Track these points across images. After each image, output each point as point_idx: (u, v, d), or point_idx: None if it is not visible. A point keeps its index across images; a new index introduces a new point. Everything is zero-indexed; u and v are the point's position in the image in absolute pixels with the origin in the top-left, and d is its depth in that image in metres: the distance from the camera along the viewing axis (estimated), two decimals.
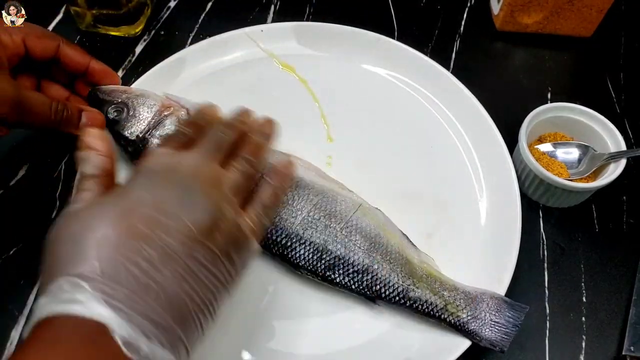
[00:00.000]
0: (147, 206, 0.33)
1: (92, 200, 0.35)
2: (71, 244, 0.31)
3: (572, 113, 0.54)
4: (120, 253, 0.30)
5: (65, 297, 0.29)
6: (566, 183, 0.49)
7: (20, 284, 0.47)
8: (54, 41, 0.48)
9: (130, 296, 0.29)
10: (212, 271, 0.33)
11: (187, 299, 0.31)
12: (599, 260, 0.51)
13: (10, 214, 0.51)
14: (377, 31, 0.60)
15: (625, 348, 0.45)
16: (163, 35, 0.65)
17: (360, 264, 0.44)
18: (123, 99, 0.49)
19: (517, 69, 0.64)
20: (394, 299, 0.44)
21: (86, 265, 0.30)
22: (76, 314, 0.28)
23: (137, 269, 0.30)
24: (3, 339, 0.45)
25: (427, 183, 0.53)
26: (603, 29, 0.65)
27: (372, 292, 0.44)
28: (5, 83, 0.43)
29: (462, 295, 0.44)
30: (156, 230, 0.32)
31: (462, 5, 0.69)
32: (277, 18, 0.66)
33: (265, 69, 0.59)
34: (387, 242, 0.45)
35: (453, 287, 0.44)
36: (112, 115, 0.49)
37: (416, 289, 0.44)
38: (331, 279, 0.44)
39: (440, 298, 0.44)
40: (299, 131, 0.55)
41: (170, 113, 0.49)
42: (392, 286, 0.44)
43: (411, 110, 0.57)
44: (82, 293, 0.29)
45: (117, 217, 0.32)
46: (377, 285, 0.44)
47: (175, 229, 0.32)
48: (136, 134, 0.48)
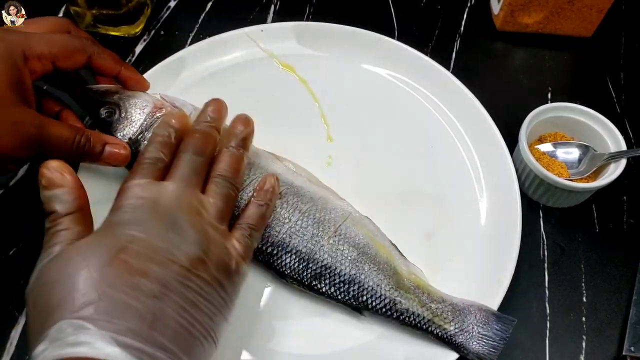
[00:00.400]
0: (137, 243, 0.33)
1: (75, 240, 0.33)
2: (65, 286, 0.30)
3: (572, 113, 0.54)
4: (120, 290, 0.30)
5: (70, 340, 0.28)
6: (566, 183, 0.49)
7: (20, 284, 0.47)
8: (83, 55, 0.45)
9: (136, 331, 0.29)
10: (208, 299, 0.33)
11: (190, 328, 0.31)
12: (599, 260, 0.51)
13: (10, 214, 0.51)
14: (377, 31, 0.60)
15: (626, 348, 0.45)
16: (163, 35, 0.65)
17: (347, 274, 0.43)
18: (115, 99, 0.48)
19: (517, 69, 0.64)
20: (381, 310, 0.43)
21: (87, 305, 0.29)
22: (85, 356, 0.27)
23: (139, 304, 0.30)
24: (3, 339, 0.45)
25: (427, 183, 0.52)
26: (603, 29, 0.65)
27: (359, 302, 0.43)
28: (29, 124, 0.40)
29: (450, 307, 0.43)
30: (151, 266, 0.32)
31: (462, 5, 0.69)
32: (277, 18, 0.66)
33: (265, 69, 0.59)
34: (375, 252, 0.45)
35: (441, 299, 0.44)
36: (104, 116, 0.47)
37: (403, 300, 0.43)
38: (317, 288, 0.44)
39: (428, 310, 0.43)
40: (299, 131, 0.55)
41: (162, 114, 0.48)
42: (378, 297, 0.43)
43: (411, 110, 0.57)
44: (87, 334, 0.28)
45: (110, 256, 0.32)
46: (363, 296, 0.43)
47: (167, 263, 0.32)
48: (128, 136, 0.47)
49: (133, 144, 0.47)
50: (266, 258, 0.44)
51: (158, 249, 0.33)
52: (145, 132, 0.47)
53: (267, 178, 0.43)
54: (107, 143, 0.45)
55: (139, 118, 0.47)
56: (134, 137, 0.47)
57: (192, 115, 0.48)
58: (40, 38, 0.43)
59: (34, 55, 0.42)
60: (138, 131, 0.47)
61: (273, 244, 0.44)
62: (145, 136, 0.47)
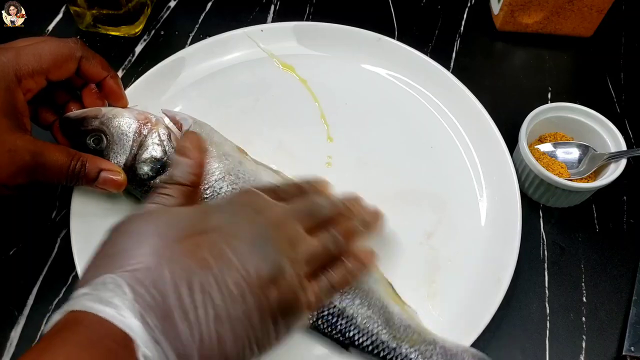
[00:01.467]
0: (219, 234, 0.32)
1: (170, 206, 0.34)
2: (133, 242, 0.31)
3: (572, 113, 0.54)
4: (176, 271, 0.29)
5: (105, 296, 0.28)
6: (566, 183, 0.49)
7: (20, 284, 0.47)
8: (74, 62, 0.44)
9: (166, 319, 0.28)
10: (254, 325, 0.31)
11: (217, 343, 0.29)
12: (599, 260, 0.51)
13: (10, 214, 0.51)
14: (377, 31, 0.60)
15: (626, 348, 0.45)
16: (163, 35, 0.65)
17: (336, 307, 0.41)
18: (97, 125, 0.46)
19: (517, 69, 0.64)
20: (367, 348, 0.41)
21: (138, 269, 0.29)
22: (108, 318, 0.27)
23: (185, 295, 0.29)
24: (3, 339, 0.45)
25: (427, 183, 0.52)
26: (603, 29, 0.65)
27: (345, 338, 0.41)
28: (24, 151, 0.40)
29: (441, 351, 0.41)
30: (218, 262, 0.31)
31: (462, 5, 0.69)
32: (277, 18, 0.66)
33: (265, 69, 0.59)
34: (368, 287, 0.43)
35: (432, 341, 0.42)
36: (93, 146, 0.46)
37: (392, 340, 0.41)
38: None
39: (417, 352, 0.41)
40: (299, 131, 0.55)
41: (149, 130, 0.46)
42: (366, 334, 0.41)
43: (411, 110, 0.57)
44: (121, 297, 0.28)
45: (184, 233, 0.31)
46: (351, 332, 0.41)
47: (236, 267, 0.31)
48: (122, 162, 0.46)
49: (129, 170, 0.46)
50: None
51: (233, 250, 0.31)
52: (137, 155, 0.46)
53: (366, 249, 0.41)
54: (102, 169, 0.44)
55: (127, 140, 0.46)
56: (128, 162, 0.46)
57: (192, 128, 0.47)
58: (30, 54, 0.42)
59: (26, 74, 0.41)
60: (130, 156, 0.46)
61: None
62: (139, 159, 0.46)
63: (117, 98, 0.49)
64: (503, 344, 0.46)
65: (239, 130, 0.54)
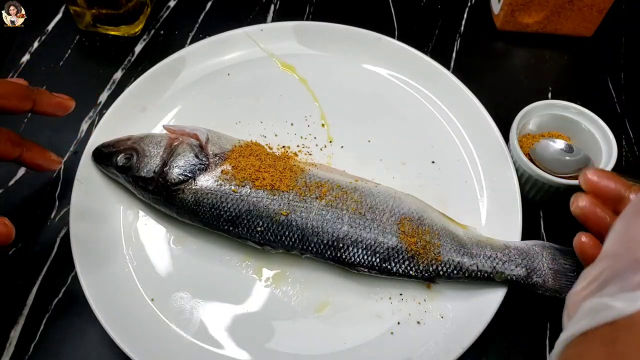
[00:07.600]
0: None
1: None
2: None
3: (564, 111, 0.53)
4: None
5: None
6: (552, 179, 0.49)
7: (20, 284, 0.47)
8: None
9: None
10: None
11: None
12: None
13: (10, 214, 0.51)
14: (377, 31, 0.60)
15: None
16: (163, 35, 0.64)
17: (413, 250, 0.45)
18: (129, 145, 0.49)
19: (518, 69, 0.64)
20: (452, 273, 0.45)
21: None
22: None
23: None
24: (3, 339, 0.45)
25: (427, 183, 0.52)
26: (603, 29, 0.65)
27: (430, 273, 0.45)
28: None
29: (516, 251, 0.45)
30: None
31: (462, 5, 0.69)
32: (277, 18, 0.66)
33: (265, 68, 0.59)
34: (431, 222, 0.46)
35: (505, 246, 0.45)
36: (122, 163, 0.48)
37: (471, 259, 0.45)
38: (388, 269, 0.45)
39: (496, 260, 0.44)
40: (299, 131, 0.55)
41: (180, 142, 0.49)
42: (446, 263, 0.45)
43: (411, 110, 0.57)
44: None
45: None
46: (433, 266, 0.45)
47: None
48: (153, 170, 0.47)
49: (159, 176, 0.47)
50: (333, 253, 0.45)
51: None
52: (168, 161, 0.47)
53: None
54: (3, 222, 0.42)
55: (158, 152, 0.48)
56: (158, 169, 0.47)
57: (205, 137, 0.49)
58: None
59: None
60: (161, 163, 0.47)
61: (337, 238, 0.45)
62: (170, 165, 0.47)
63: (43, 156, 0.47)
64: (503, 344, 0.46)
65: (238, 130, 0.54)
